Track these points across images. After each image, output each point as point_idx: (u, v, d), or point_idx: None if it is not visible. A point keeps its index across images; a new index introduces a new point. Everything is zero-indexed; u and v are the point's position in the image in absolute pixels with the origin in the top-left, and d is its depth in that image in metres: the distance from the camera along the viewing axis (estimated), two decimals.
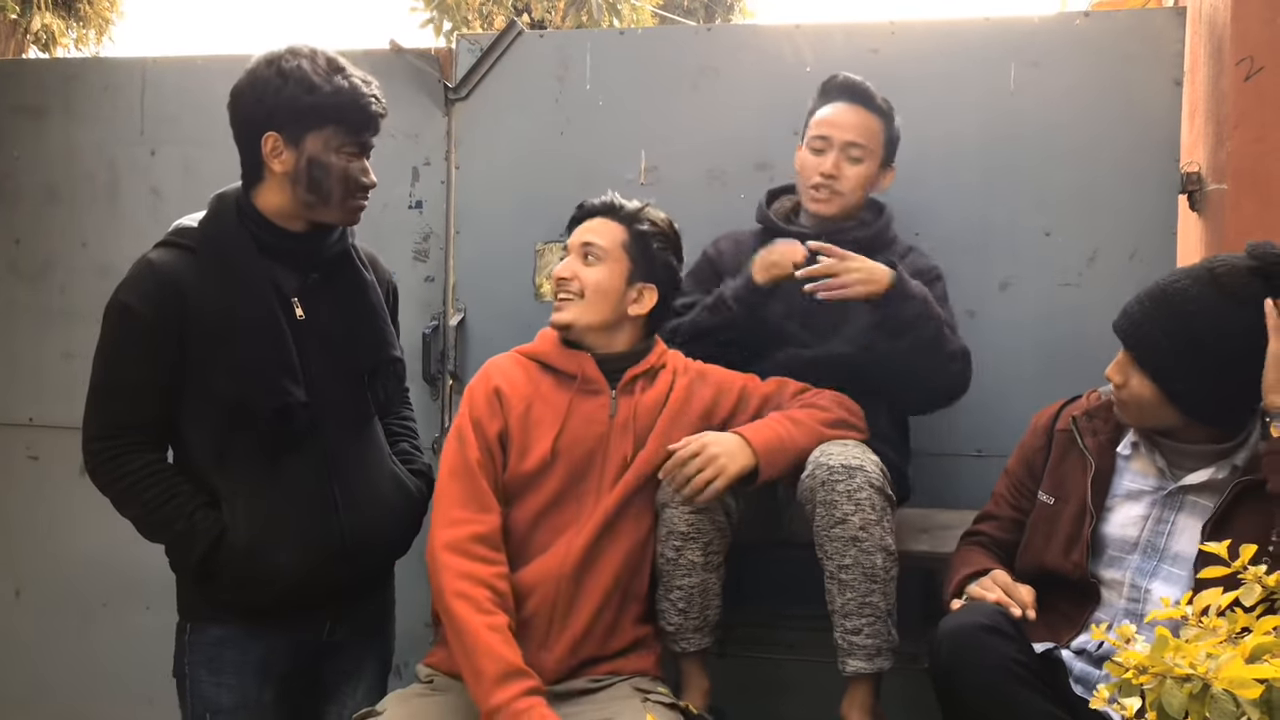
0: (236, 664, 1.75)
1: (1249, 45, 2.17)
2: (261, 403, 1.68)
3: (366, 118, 1.72)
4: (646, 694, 1.76)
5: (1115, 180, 2.36)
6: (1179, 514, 1.67)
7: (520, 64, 2.65)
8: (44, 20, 9.40)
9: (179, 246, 1.73)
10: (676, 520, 1.81)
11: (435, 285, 2.71)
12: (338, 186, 1.72)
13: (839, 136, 2.12)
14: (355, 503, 1.78)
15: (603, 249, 1.90)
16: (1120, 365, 1.67)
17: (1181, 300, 1.59)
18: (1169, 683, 0.89)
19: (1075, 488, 1.75)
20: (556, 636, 1.80)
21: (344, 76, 1.70)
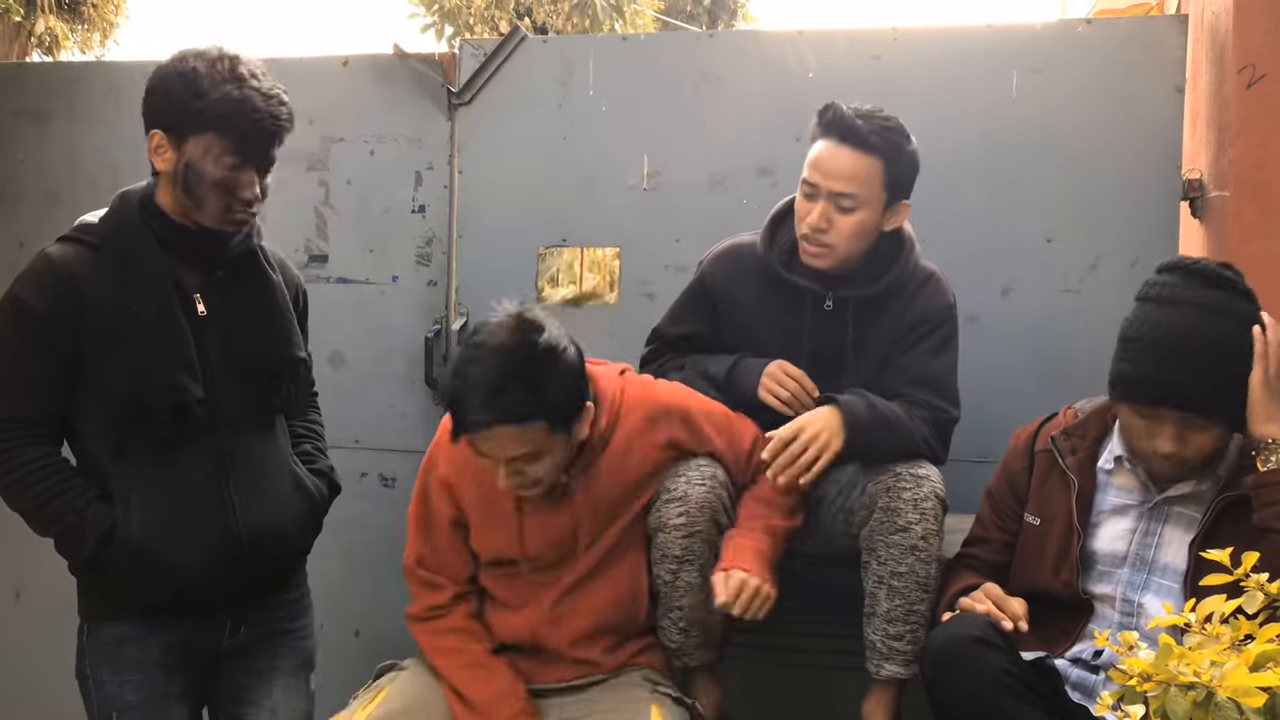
0: (139, 660, 1.74)
1: (1251, 53, 2.18)
2: (158, 399, 1.67)
3: (254, 131, 1.66)
4: (656, 685, 1.78)
5: (1117, 187, 2.36)
6: (1165, 525, 1.67)
7: (523, 69, 2.66)
8: (48, 23, 9.42)
9: (79, 242, 1.72)
10: (670, 544, 1.80)
11: (438, 290, 2.72)
12: (211, 195, 1.67)
13: (825, 185, 1.88)
14: (251, 502, 1.77)
15: (533, 453, 1.67)
16: (1168, 434, 1.60)
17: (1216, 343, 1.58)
18: (1173, 690, 0.89)
19: (1060, 507, 1.74)
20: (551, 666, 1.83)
21: (240, 85, 1.65)
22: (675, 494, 1.80)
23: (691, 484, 1.80)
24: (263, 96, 1.66)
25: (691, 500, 1.79)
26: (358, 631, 2.77)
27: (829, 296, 1.95)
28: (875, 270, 1.96)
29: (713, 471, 1.83)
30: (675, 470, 1.84)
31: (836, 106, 1.90)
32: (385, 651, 2.20)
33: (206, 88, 1.63)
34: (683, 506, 1.79)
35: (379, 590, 2.72)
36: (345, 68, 2.76)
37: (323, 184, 2.77)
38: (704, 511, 1.79)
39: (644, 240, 2.60)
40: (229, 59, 1.67)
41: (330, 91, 2.76)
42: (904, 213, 1.96)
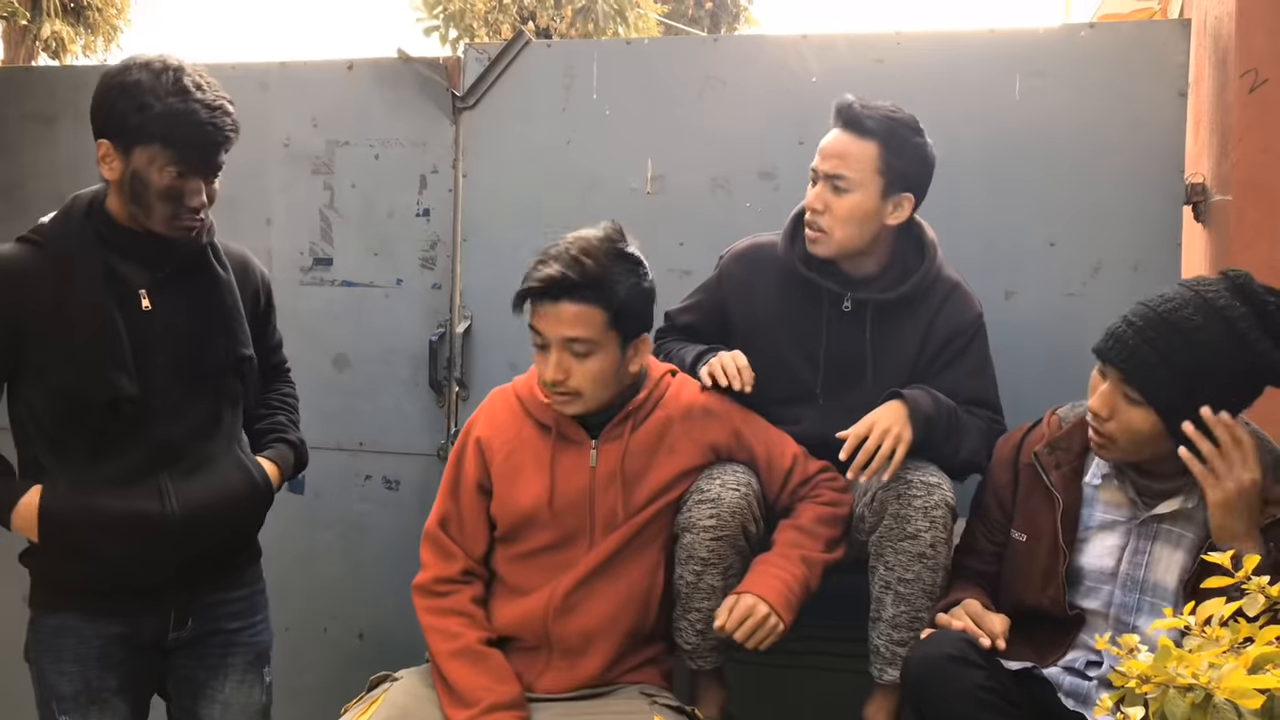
0: (76, 652, 1.78)
1: (1254, 58, 2.18)
2: (90, 394, 1.71)
3: (198, 142, 1.68)
4: (654, 698, 1.77)
5: (1120, 191, 2.36)
6: (1155, 543, 1.64)
7: (527, 73, 2.67)
8: (53, 27, 9.46)
9: (29, 241, 1.77)
10: (697, 545, 1.81)
11: (442, 293, 2.73)
12: (158, 203, 1.70)
13: (821, 167, 1.93)
14: (188, 490, 1.78)
15: (590, 340, 1.73)
16: (1106, 397, 1.60)
17: (1188, 326, 1.54)
18: (1172, 692, 0.89)
19: (1045, 524, 1.71)
20: (549, 669, 1.82)
21: (184, 97, 1.67)
22: (708, 495, 1.81)
23: (726, 487, 1.81)
24: (207, 108, 1.68)
25: (724, 503, 1.79)
26: (361, 634, 2.78)
27: (847, 297, 1.96)
28: (897, 275, 1.97)
29: (748, 479, 1.84)
30: (709, 472, 1.84)
31: (845, 97, 1.94)
32: (389, 654, 2.21)
33: (150, 100, 1.65)
34: (714, 509, 1.79)
35: (383, 593, 2.73)
36: (350, 71, 2.78)
37: (327, 187, 2.78)
38: (735, 516, 1.79)
39: (647, 244, 2.57)
40: (173, 70, 1.68)
41: (335, 95, 2.78)
42: (907, 206, 1.95)
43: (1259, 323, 1.53)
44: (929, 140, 1.96)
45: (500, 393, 1.95)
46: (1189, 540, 1.62)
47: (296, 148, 2.80)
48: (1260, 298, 1.55)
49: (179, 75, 1.68)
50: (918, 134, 1.94)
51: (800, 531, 1.84)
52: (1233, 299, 1.55)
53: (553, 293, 1.72)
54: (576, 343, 1.73)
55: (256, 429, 1.99)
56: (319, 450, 2.79)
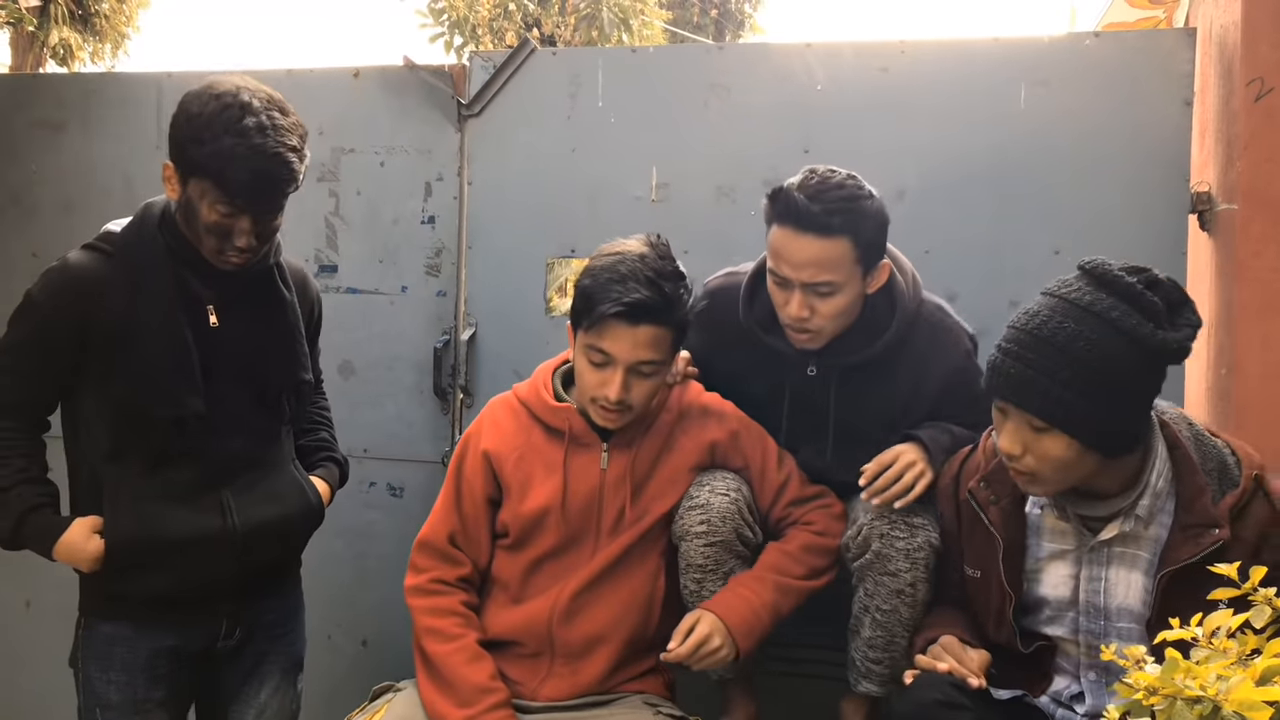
0: (125, 662, 1.79)
1: (1259, 66, 2.18)
2: (157, 410, 1.72)
3: (250, 186, 1.65)
4: (657, 708, 1.77)
5: (1125, 200, 2.36)
6: (1109, 568, 1.57)
7: (533, 81, 2.68)
8: (61, 34, 9.49)
9: (97, 250, 1.77)
10: (694, 554, 1.81)
11: (447, 300, 2.73)
12: (206, 236, 1.70)
13: (797, 277, 1.77)
14: (248, 505, 1.81)
15: (659, 362, 1.75)
16: (1014, 434, 1.50)
17: (1063, 337, 1.44)
18: (1179, 704, 0.89)
19: (990, 563, 1.65)
20: (551, 676, 1.82)
21: (242, 138, 1.62)
22: (697, 501, 1.82)
23: (714, 493, 1.81)
24: (262, 154, 1.63)
25: (713, 508, 1.80)
26: (365, 641, 2.77)
27: (812, 363, 1.91)
28: (866, 337, 1.86)
29: (737, 485, 1.84)
30: (699, 480, 1.85)
31: (788, 191, 1.78)
32: (392, 661, 2.21)
33: (207, 136, 1.63)
34: (704, 514, 1.80)
35: (387, 600, 2.72)
36: (356, 79, 2.79)
37: (333, 194, 2.79)
38: (726, 521, 1.80)
39: None
40: (239, 106, 1.64)
41: (341, 103, 2.79)
42: (885, 271, 1.85)
43: (1132, 308, 1.43)
44: (875, 192, 1.81)
45: (501, 401, 1.94)
46: (1144, 560, 1.55)
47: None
48: (1123, 283, 1.44)
49: (244, 113, 1.64)
50: (869, 199, 1.79)
51: (785, 556, 1.84)
52: (1097, 292, 1.46)
53: (634, 316, 1.68)
54: (646, 365, 1.73)
55: (302, 445, 2.01)
56: None
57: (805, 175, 1.80)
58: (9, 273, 2.96)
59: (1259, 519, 1.48)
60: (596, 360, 1.73)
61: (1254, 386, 2.18)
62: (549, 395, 1.86)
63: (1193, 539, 1.48)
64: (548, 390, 1.88)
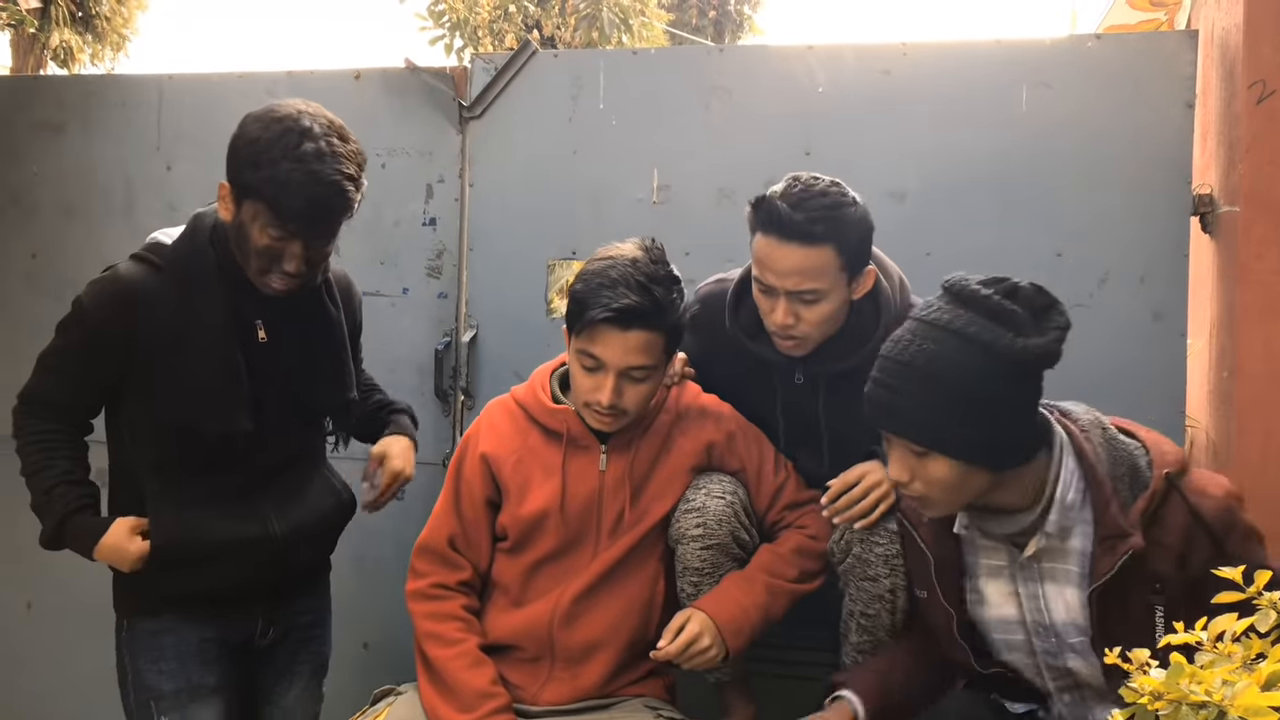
0: (176, 650, 1.81)
1: (1261, 69, 2.18)
2: (206, 427, 1.74)
3: (305, 213, 1.63)
4: (658, 711, 1.77)
5: (1127, 202, 2.36)
6: (1043, 584, 1.54)
7: (534, 83, 2.67)
8: (62, 36, 9.50)
9: (147, 262, 1.77)
10: (690, 557, 1.81)
11: (448, 302, 2.73)
12: (255, 258, 1.69)
13: (782, 285, 1.77)
14: (287, 508, 1.86)
15: (650, 367, 1.74)
16: (900, 461, 1.49)
17: (923, 360, 1.42)
18: (1184, 709, 0.88)
19: (929, 583, 1.64)
20: (551, 680, 1.82)
21: (300, 164, 1.61)
22: (693, 505, 1.81)
23: (710, 496, 1.81)
24: (320, 181, 1.62)
25: (709, 512, 1.80)
26: (366, 644, 2.77)
27: (798, 371, 1.91)
28: (852, 342, 1.84)
29: (733, 488, 1.84)
30: (695, 483, 1.84)
31: (770, 200, 1.77)
32: (394, 664, 2.20)
33: (264, 160, 1.62)
34: (700, 518, 1.80)
35: (389, 602, 2.72)
36: (357, 81, 2.78)
37: None
38: (722, 525, 1.79)
39: None
40: (299, 132, 1.63)
41: (342, 105, 2.73)
42: (870, 277, 1.84)
43: (989, 319, 1.42)
44: (858, 198, 1.81)
45: (499, 404, 1.93)
46: (1074, 574, 1.51)
47: None
48: (979, 296, 1.43)
49: (303, 138, 1.62)
50: (852, 205, 1.78)
51: (777, 558, 1.84)
52: (955, 309, 1.44)
53: (624, 321, 1.68)
54: (638, 369, 1.72)
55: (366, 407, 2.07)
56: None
57: (788, 183, 1.79)
58: (9, 274, 2.96)
59: (1178, 523, 1.44)
60: (588, 365, 1.72)
61: (1256, 389, 2.18)
62: (546, 397, 1.86)
63: (1109, 551, 1.45)
64: (545, 392, 1.87)
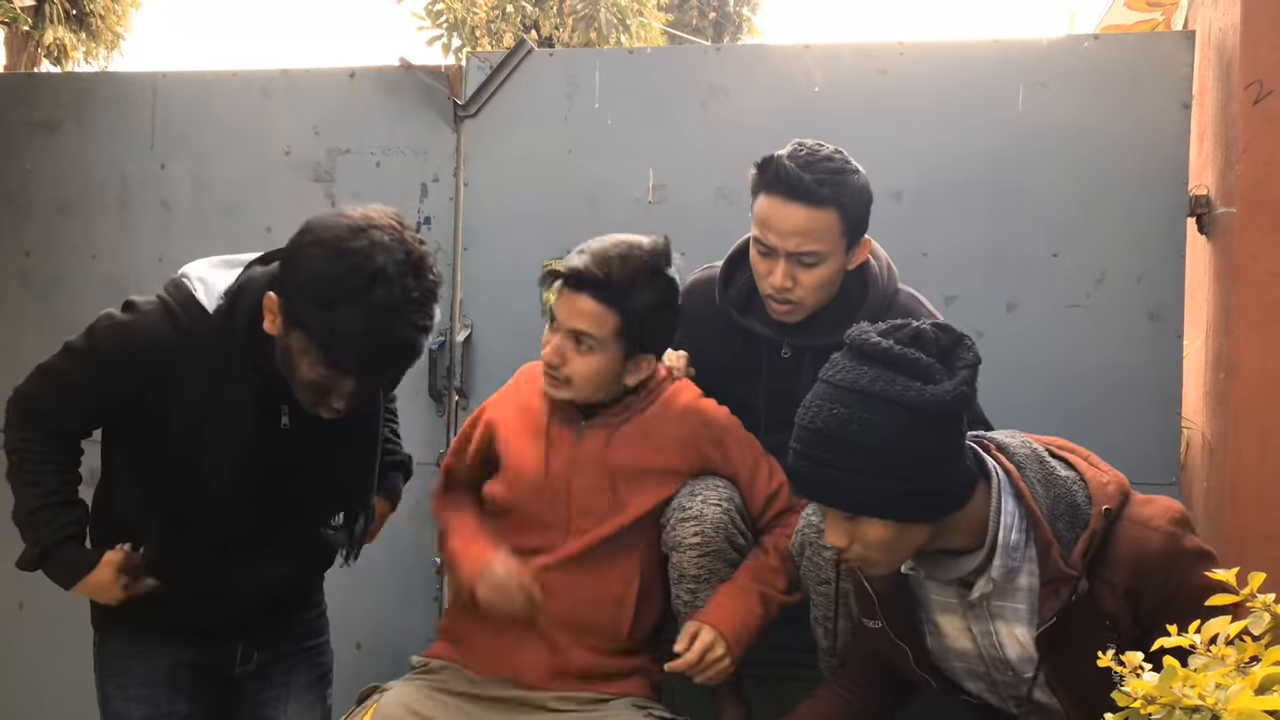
0: (144, 676, 1.74)
1: (1258, 69, 2.18)
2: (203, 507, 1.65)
3: (362, 364, 1.48)
4: (648, 710, 1.77)
5: (1123, 203, 2.35)
6: (995, 623, 1.50)
7: (530, 82, 2.67)
8: (56, 33, 9.48)
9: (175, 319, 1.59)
10: (687, 565, 1.80)
11: (442, 301, 2.69)
12: (301, 389, 1.54)
13: (783, 246, 1.79)
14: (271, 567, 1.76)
15: (595, 339, 1.75)
16: (835, 526, 1.43)
17: (836, 424, 1.37)
18: (1178, 713, 0.88)
19: (883, 615, 1.58)
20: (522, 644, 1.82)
21: (367, 312, 1.42)
22: (690, 513, 1.80)
23: (707, 504, 1.80)
24: (388, 339, 1.45)
25: (706, 520, 1.78)
26: (359, 644, 2.76)
27: (785, 345, 1.91)
28: (839, 316, 1.82)
29: (729, 494, 1.83)
30: (690, 489, 1.83)
31: (778, 160, 1.79)
32: (386, 665, 2.20)
33: (327, 297, 1.43)
34: (698, 525, 1.79)
35: (381, 603, 2.71)
36: (352, 79, 2.78)
37: (329, 195, 2.78)
38: (719, 531, 1.79)
39: None
40: (369, 274, 1.42)
41: (337, 103, 2.78)
42: (866, 248, 1.87)
43: (898, 373, 1.36)
44: (861, 169, 1.84)
45: (529, 366, 2.00)
46: (1023, 612, 1.47)
47: (298, 156, 2.80)
48: (880, 349, 1.38)
49: (374, 282, 1.42)
50: (855, 174, 1.82)
51: (767, 569, 1.82)
52: (860, 367, 1.38)
53: (573, 282, 1.74)
54: (582, 336, 1.75)
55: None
56: None
57: (794, 147, 1.82)
58: (2, 272, 2.95)
59: (1124, 559, 1.38)
60: (551, 324, 1.82)
61: (1252, 391, 2.18)
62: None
63: (1053, 594, 1.41)
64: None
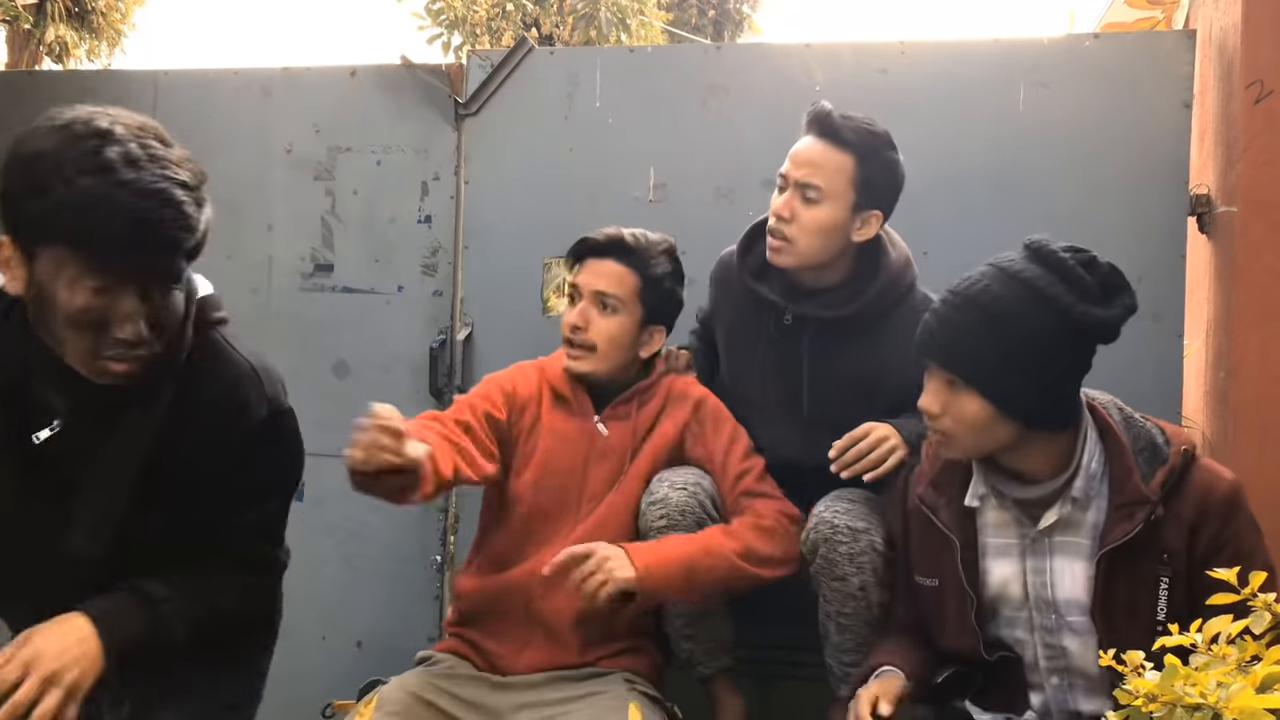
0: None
1: (1259, 69, 2.18)
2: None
3: (124, 241, 1.15)
4: (634, 685, 1.77)
5: (1124, 202, 2.35)
6: (1052, 559, 1.55)
7: (530, 81, 2.67)
8: (57, 31, 9.47)
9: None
10: None
11: (443, 300, 2.72)
12: (71, 333, 1.19)
13: (793, 174, 1.86)
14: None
15: (618, 299, 1.88)
16: (935, 392, 1.52)
17: (987, 299, 1.46)
18: (1179, 711, 0.88)
19: (947, 568, 1.61)
20: (530, 642, 1.82)
21: (106, 175, 1.15)
22: (656, 497, 1.82)
23: (673, 488, 1.82)
24: (141, 193, 1.16)
25: (671, 503, 1.80)
26: (360, 642, 2.76)
27: (788, 311, 1.93)
28: (846, 294, 1.89)
29: (695, 479, 1.85)
30: (659, 475, 1.86)
31: (821, 105, 1.89)
32: (387, 663, 2.19)
33: (55, 181, 1.15)
34: (663, 509, 1.80)
35: (381, 601, 2.72)
36: (353, 78, 2.78)
37: (329, 193, 2.78)
38: (686, 515, 1.79)
39: None
40: (96, 135, 1.18)
41: (338, 101, 2.77)
42: (874, 224, 1.88)
43: (1063, 283, 1.45)
44: (901, 158, 1.89)
45: (523, 364, 2.01)
46: (1085, 547, 1.53)
47: (298, 153, 2.80)
48: (1057, 258, 1.47)
49: (105, 141, 1.18)
50: (891, 149, 1.88)
51: (722, 532, 1.80)
52: (1030, 264, 1.48)
53: (601, 250, 1.89)
54: (607, 297, 1.87)
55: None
56: (319, 458, 2.78)
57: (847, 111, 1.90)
58: None
59: (1194, 496, 1.48)
60: (573, 295, 1.93)
61: (1252, 389, 2.18)
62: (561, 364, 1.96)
63: (1126, 518, 1.48)
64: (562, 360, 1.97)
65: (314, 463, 2.40)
